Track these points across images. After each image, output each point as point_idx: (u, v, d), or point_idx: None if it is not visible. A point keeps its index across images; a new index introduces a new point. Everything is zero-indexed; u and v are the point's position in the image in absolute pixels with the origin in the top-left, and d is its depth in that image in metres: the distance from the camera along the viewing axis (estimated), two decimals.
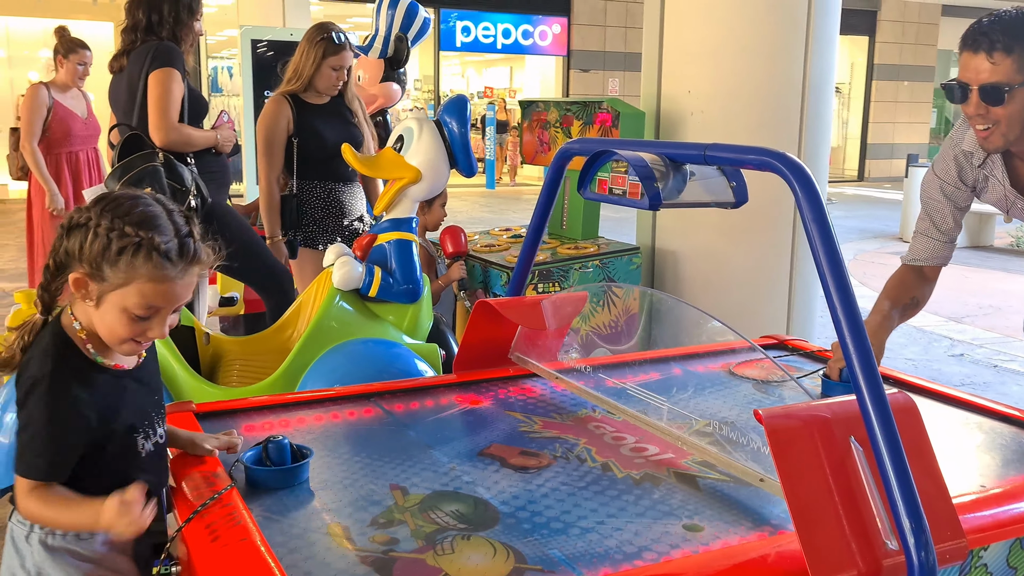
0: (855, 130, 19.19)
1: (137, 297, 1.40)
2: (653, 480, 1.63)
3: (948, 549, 1.31)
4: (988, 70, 1.95)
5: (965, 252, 9.56)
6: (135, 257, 1.38)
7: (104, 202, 1.43)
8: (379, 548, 1.36)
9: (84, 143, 4.97)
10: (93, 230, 1.39)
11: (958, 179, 2.28)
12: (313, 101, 3.49)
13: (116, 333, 1.43)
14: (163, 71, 3.16)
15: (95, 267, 1.39)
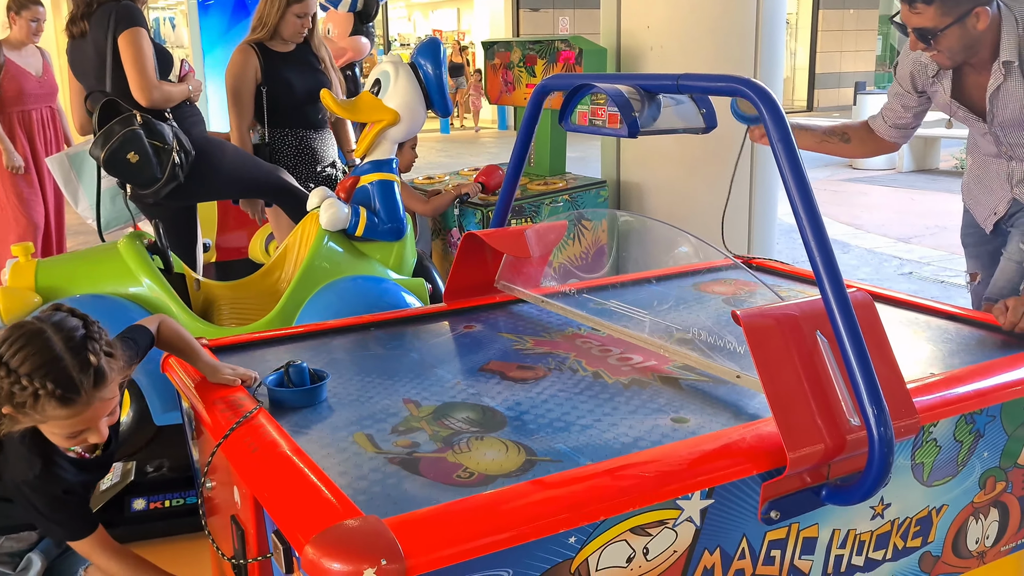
0: (803, 60, 19.41)
1: (58, 428, 1.59)
2: (640, 384, 1.80)
3: (904, 425, 1.50)
4: (916, 17, 2.18)
5: (911, 176, 9.88)
6: (39, 404, 1.51)
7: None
8: (403, 450, 1.51)
9: (38, 101, 4.89)
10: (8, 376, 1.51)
11: (911, 84, 2.50)
12: (279, 49, 3.54)
13: (61, 444, 1.64)
14: (132, 31, 3.11)
15: (14, 406, 1.52)
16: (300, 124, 3.58)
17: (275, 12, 3.48)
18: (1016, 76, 2.25)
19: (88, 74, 3.27)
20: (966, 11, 2.15)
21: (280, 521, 1.31)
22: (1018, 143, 2.40)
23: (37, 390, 1.50)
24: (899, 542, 1.71)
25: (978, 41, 2.22)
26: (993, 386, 1.74)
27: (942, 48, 2.20)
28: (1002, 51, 2.22)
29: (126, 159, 2.88)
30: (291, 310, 2.61)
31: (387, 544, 1.17)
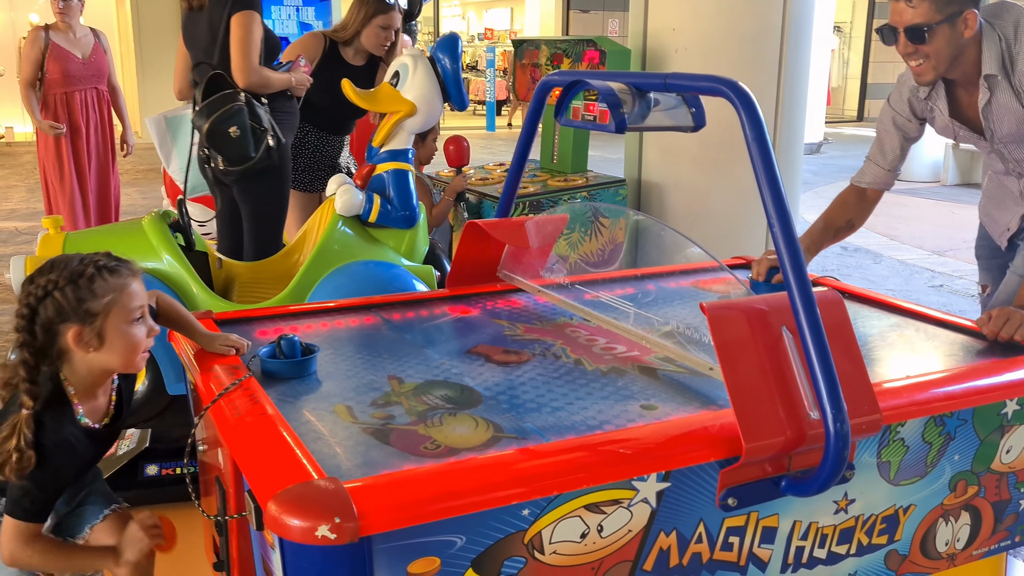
0: (856, 70, 19.15)
1: (128, 303, 1.66)
2: (619, 372, 1.86)
3: (863, 422, 1.53)
4: (910, 13, 2.18)
5: (955, 189, 9.72)
6: (103, 280, 1.62)
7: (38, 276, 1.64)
8: (378, 422, 1.59)
9: (82, 83, 5.02)
10: (58, 291, 1.60)
11: (911, 111, 2.49)
12: (349, 59, 3.63)
13: (134, 345, 1.68)
14: (246, 13, 3.20)
15: (82, 313, 1.61)
16: (326, 128, 3.68)
17: (359, 20, 3.58)
18: (1004, 90, 2.26)
19: (198, 46, 3.36)
20: (957, 11, 2.17)
21: (251, 480, 1.40)
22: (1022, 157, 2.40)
23: (95, 268, 1.63)
24: (864, 538, 1.74)
25: (963, 51, 2.23)
26: (964, 390, 1.76)
27: (931, 50, 2.21)
28: (984, 65, 2.24)
29: (227, 132, 3.01)
30: (303, 290, 2.71)
31: (342, 504, 1.25)
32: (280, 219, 3.35)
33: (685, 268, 2.65)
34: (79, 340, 1.62)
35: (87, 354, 1.65)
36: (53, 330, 1.62)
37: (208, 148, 3.06)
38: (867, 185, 2.57)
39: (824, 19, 12.51)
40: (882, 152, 2.54)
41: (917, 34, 2.19)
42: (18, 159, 11.24)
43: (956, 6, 2.18)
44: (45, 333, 1.62)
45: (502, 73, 15.85)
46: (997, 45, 2.23)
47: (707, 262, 2.72)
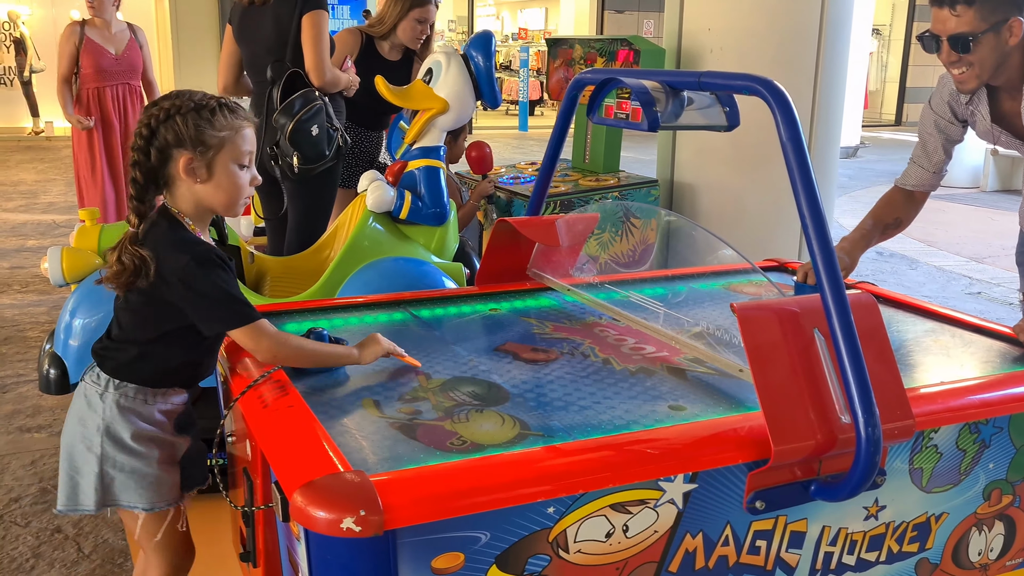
0: (894, 73, 18.90)
1: (240, 144, 1.70)
2: (647, 372, 1.84)
3: (896, 427, 1.51)
4: (954, 21, 2.14)
5: (995, 196, 9.56)
6: (223, 115, 1.67)
7: (163, 100, 1.68)
8: (405, 417, 1.59)
9: (114, 78, 5.05)
10: (179, 116, 1.64)
11: (952, 114, 2.45)
12: (385, 53, 3.64)
13: (238, 186, 1.72)
14: (319, 13, 3.22)
15: (198, 143, 1.65)
16: (366, 124, 3.69)
17: (396, 13, 3.60)
18: None
19: (258, 42, 3.35)
20: (1003, 19, 2.12)
21: (278, 472, 1.41)
22: None
23: (216, 103, 1.67)
24: (894, 546, 1.71)
25: (1007, 58, 2.18)
26: (1000, 397, 1.73)
27: (975, 59, 2.17)
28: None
29: (309, 131, 3.06)
30: (333, 285, 2.72)
31: (368, 497, 1.25)
32: (328, 215, 3.40)
33: (717, 269, 2.63)
34: (189, 168, 1.66)
35: (194, 184, 1.68)
36: (167, 153, 1.66)
37: (279, 146, 3.09)
38: (912, 187, 2.53)
39: (863, 21, 12.36)
40: (926, 154, 2.50)
41: (962, 43, 2.15)
42: (57, 153, 11.43)
43: (1002, 14, 2.13)
44: (159, 155, 1.66)
45: (535, 73, 15.84)
46: None
47: (739, 263, 2.70)
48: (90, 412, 1.72)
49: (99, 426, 1.70)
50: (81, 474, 1.72)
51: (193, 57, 10.09)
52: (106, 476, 1.70)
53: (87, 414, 1.72)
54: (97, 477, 1.70)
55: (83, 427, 1.72)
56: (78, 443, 1.72)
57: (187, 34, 10.31)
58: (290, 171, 3.13)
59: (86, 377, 1.75)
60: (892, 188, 2.58)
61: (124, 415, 1.71)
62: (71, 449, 1.73)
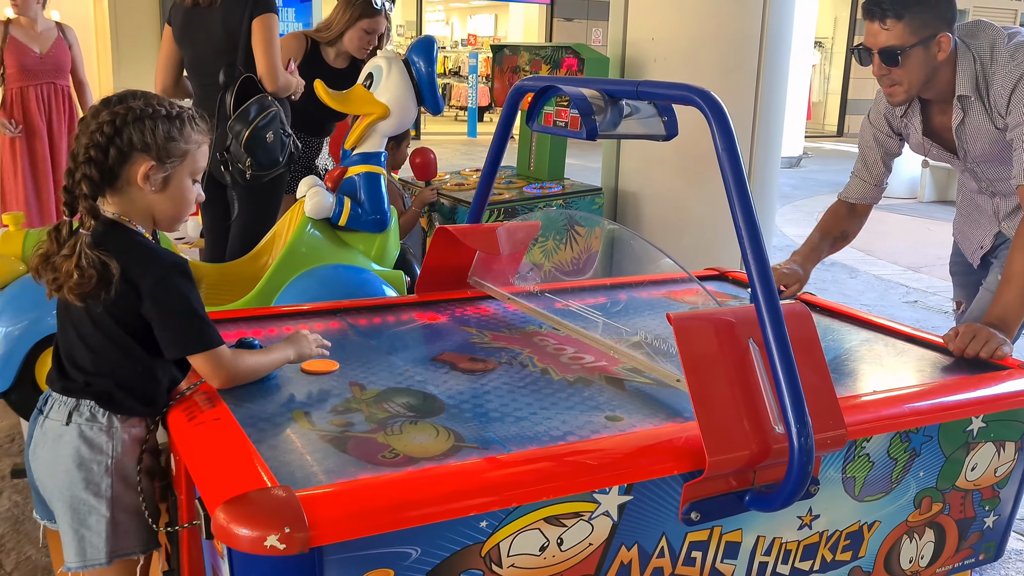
0: (836, 85, 19.30)
1: (199, 159, 1.66)
2: (585, 382, 1.83)
3: (828, 437, 1.51)
4: (884, 35, 2.18)
5: (931, 206, 9.80)
6: (191, 128, 1.62)
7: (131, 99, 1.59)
8: (337, 429, 1.55)
9: (37, 78, 4.93)
10: (150, 120, 1.57)
11: (889, 127, 2.49)
12: (330, 60, 3.58)
13: (188, 201, 1.67)
14: (269, 17, 3.16)
15: (164, 152, 1.58)
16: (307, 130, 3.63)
17: (344, 21, 3.53)
18: (977, 110, 2.26)
19: (204, 44, 3.27)
20: (931, 34, 2.17)
21: (201, 487, 1.36)
22: (997, 178, 2.40)
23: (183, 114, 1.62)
24: (828, 554, 1.72)
25: (936, 72, 2.23)
26: (930, 406, 1.75)
27: (903, 72, 2.21)
28: (958, 86, 2.24)
29: (265, 138, 3.00)
30: (270, 293, 2.66)
31: (293, 513, 1.21)
32: (274, 222, 3.33)
33: (657, 279, 2.63)
34: (147, 175, 1.58)
35: (147, 192, 1.60)
36: (128, 156, 1.57)
37: (230, 152, 3.02)
38: (855, 200, 2.56)
39: (805, 34, 12.60)
40: (866, 167, 2.54)
41: (891, 57, 2.19)
42: None
43: (930, 29, 2.17)
44: (119, 155, 1.57)
45: (484, 79, 15.85)
46: (972, 66, 2.23)
47: (679, 273, 2.71)
48: (93, 454, 1.57)
49: (107, 467, 1.58)
50: (87, 525, 1.58)
51: (133, 57, 9.87)
52: (117, 522, 1.58)
53: (89, 457, 1.57)
54: (108, 525, 1.58)
55: (85, 472, 1.57)
56: (81, 492, 1.57)
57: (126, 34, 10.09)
58: (241, 177, 3.07)
59: (75, 418, 1.58)
60: (836, 202, 2.61)
61: (134, 449, 1.60)
62: (72, 502, 1.58)
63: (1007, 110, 2.20)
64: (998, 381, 1.88)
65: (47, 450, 1.60)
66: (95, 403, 1.59)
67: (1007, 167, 2.28)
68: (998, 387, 1.86)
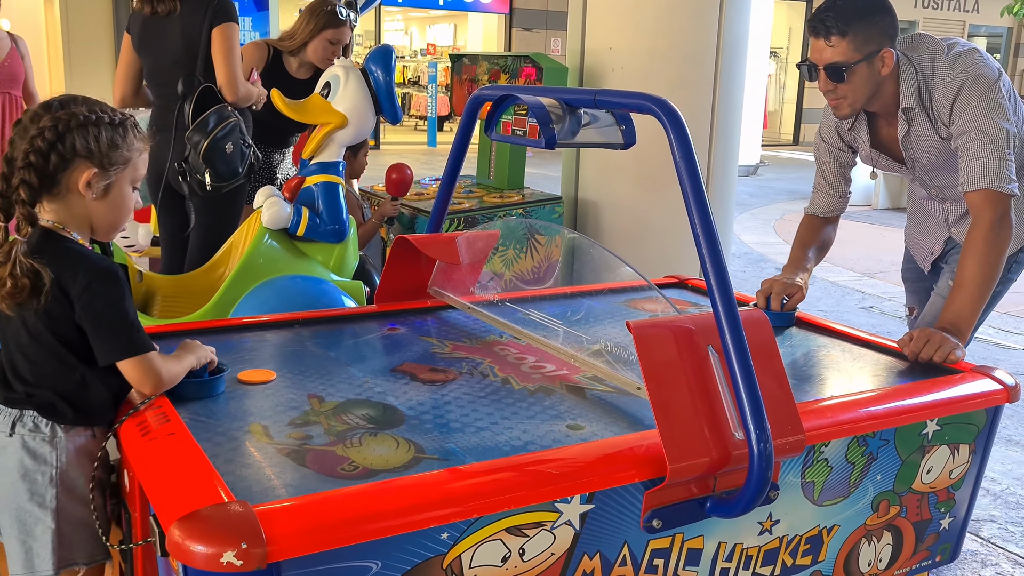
0: (792, 94, 19.61)
1: (140, 166, 1.64)
2: (546, 391, 1.83)
3: (787, 442, 1.52)
4: (829, 52, 2.21)
5: (885, 213, 9.98)
6: (133, 135, 1.61)
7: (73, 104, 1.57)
8: (295, 442, 1.53)
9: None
10: (94, 127, 1.55)
11: (840, 140, 2.53)
12: (293, 71, 3.54)
13: (128, 208, 1.65)
14: (229, 26, 3.12)
15: (107, 160, 1.56)
16: (268, 142, 3.59)
17: (308, 31, 3.50)
18: (922, 122, 2.30)
19: (163, 53, 3.22)
20: (875, 50, 2.21)
21: (155, 503, 1.33)
22: (946, 184, 2.45)
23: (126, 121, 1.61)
24: (788, 559, 1.73)
25: (881, 86, 2.28)
26: (886, 410, 1.78)
27: (849, 88, 2.24)
28: (902, 99, 2.29)
29: (223, 149, 2.96)
30: (226, 305, 2.62)
31: (250, 528, 1.19)
32: (232, 233, 3.28)
33: (618, 287, 2.64)
34: (88, 183, 1.57)
35: (88, 200, 1.59)
36: (69, 162, 1.55)
37: (188, 162, 2.98)
38: (823, 213, 2.59)
39: (761, 44, 12.79)
40: (826, 181, 2.57)
41: (836, 73, 2.22)
42: None
43: (874, 45, 2.21)
44: (60, 161, 1.54)
45: (444, 89, 15.84)
46: (914, 78, 2.28)
47: (639, 281, 2.72)
48: (36, 465, 1.56)
49: (52, 477, 1.56)
50: (34, 536, 1.56)
51: (85, 66, 9.72)
52: (63, 532, 1.56)
53: (33, 468, 1.55)
54: (54, 535, 1.55)
55: (29, 483, 1.55)
56: (26, 503, 1.55)
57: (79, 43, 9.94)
58: (200, 188, 3.03)
59: (18, 429, 1.56)
60: (805, 217, 2.63)
61: (80, 459, 1.57)
62: (18, 513, 1.56)
63: (950, 119, 2.25)
64: (952, 385, 1.91)
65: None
66: (37, 413, 1.56)
67: (955, 174, 2.32)
68: (952, 390, 1.89)
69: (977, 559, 2.75)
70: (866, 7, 2.21)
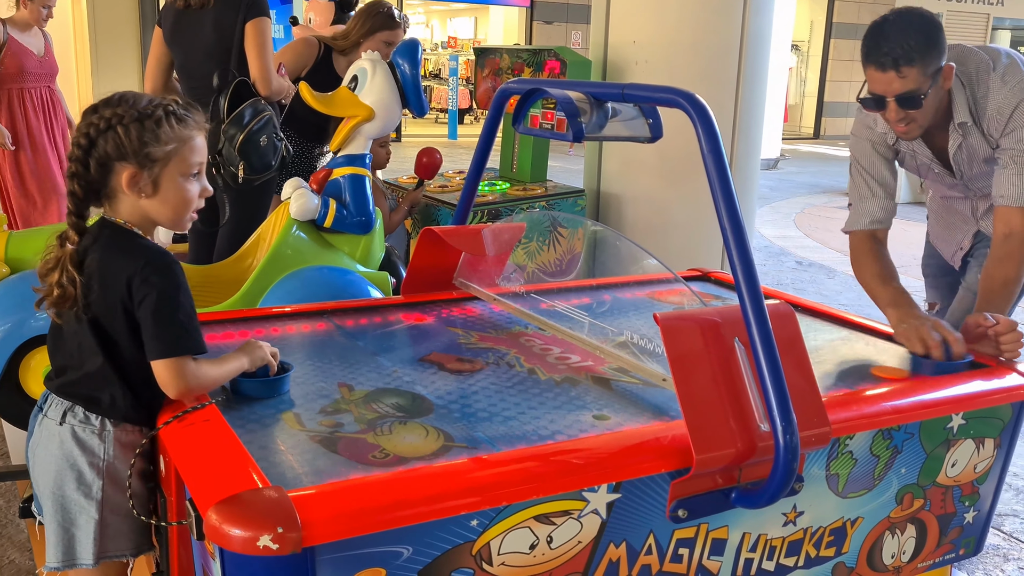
0: (813, 87, 19.46)
1: (189, 155, 1.59)
2: (572, 382, 1.85)
3: (814, 434, 1.54)
4: (899, 83, 2.11)
5: (907, 208, 9.89)
6: (169, 126, 1.56)
7: (104, 106, 1.56)
8: (326, 430, 1.56)
9: (38, 80, 4.94)
10: (121, 126, 1.53)
11: (886, 146, 2.42)
12: (340, 70, 3.54)
13: (187, 200, 1.61)
14: (263, 20, 3.15)
15: (141, 156, 1.54)
16: (309, 137, 3.61)
17: (363, 32, 3.52)
18: (974, 134, 2.27)
19: (195, 46, 3.25)
20: (938, 68, 2.14)
21: (192, 488, 1.36)
22: (986, 185, 2.41)
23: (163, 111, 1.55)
24: (812, 550, 1.75)
25: (942, 101, 2.23)
26: (911, 404, 1.78)
27: (920, 112, 2.16)
28: (956, 113, 2.25)
29: (258, 142, 2.99)
30: (255, 295, 2.66)
31: (286, 513, 1.22)
32: (241, 230, 3.32)
33: (641, 279, 2.65)
34: (133, 183, 1.55)
35: (138, 200, 1.57)
36: (108, 167, 1.54)
37: (222, 155, 3.02)
38: (880, 223, 2.37)
39: (782, 38, 12.71)
40: (874, 179, 2.37)
41: (912, 101, 2.13)
42: None
43: (936, 63, 2.13)
44: (99, 168, 1.54)
45: (465, 82, 15.86)
46: (964, 92, 2.24)
47: (663, 273, 2.73)
48: (85, 455, 1.56)
49: (100, 468, 1.57)
50: (78, 525, 1.57)
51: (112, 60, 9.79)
52: (104, 524, 1.57)
53: (81, 458, 1.56)
54: (97, 526, 1.56)
55: (76, 473, 1.56)
56: (72, 492, 1.56)
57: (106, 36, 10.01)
58: (233, 180, 3.07)
59: (69, 420, 1.58)
60: (862, 243, 2.39)
61: (127, 454, 1.58)
62: (63, 500, 1.57)
63: (1002, 132, 2.22)
64: (978, 379, 1.91)
65: (43, 448, 1.60)
66: (85, 407, 1.58)
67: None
68: (978, 385, 1.89)
69: (999, 553, 2.75)
70: (924, 29, 2.11)
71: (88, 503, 1.57)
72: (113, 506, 1.58)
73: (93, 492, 1.56)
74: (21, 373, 2.52)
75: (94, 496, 1.56)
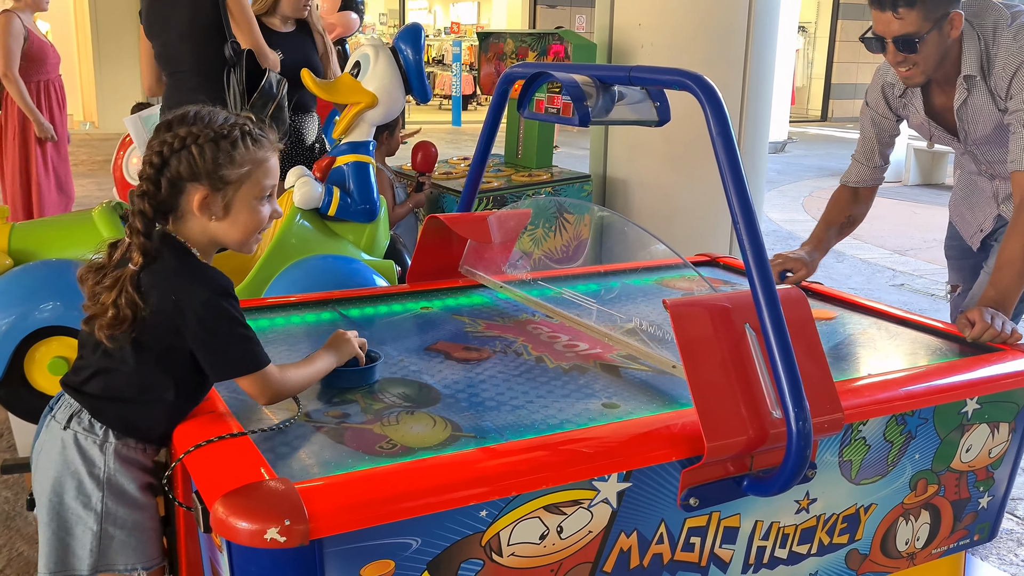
0: (820, 70, 19.32)
1: (262, 178, 1.53)
2: (580, 370, 1.82)
3: (826, 421, 1.51)
4: (897, 24, 2.13)
5: (916, 189, 9.84)
6: (244, 147, 1.49)
7: (178, 124, 1.49)
8: (332, 421, 1.54)
9: (54, 70, 4.97)
10: (196, 146, 1.46)
11: (886, 107, 2.47)
12: (276, 28, 3.54)
13: (256, 224, 1.54)
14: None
15: (215, 177, 1.47)
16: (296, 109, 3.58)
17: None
18: (981, 90, 2.24)
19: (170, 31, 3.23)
20: (944, 14, 2.14)
21: (198, 481, 1.35)
22: (996, 160, 2.39)
23: (238, 131, 1.49)
24: (825, 538, 1.73)
25: (949, 51, 2.21)
26: (925, 389, 1.76)
27: (921, 57, 2.18)
28: (964, 65, 2.22)
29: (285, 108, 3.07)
30: (259, 285, 2.64)
31: (293, 505, 1.20)
32: None
33: (649, 265, 2.63)
34: (204, 206, 1.48)
35: (208, 222, 1.50)
36: (179, 187, 1.47)
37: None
38: (855, 184, 2.55)
39: (789, 19, 12.60)
40: (864, 151, 2.53)
41: (908, 44, 2.15)
42: None
43: (942, 9, 2.13)
44: (171, 188, 1.47)
45: (468, 67, 15.78)
46: (976, 45, 2.21)
47: (671, 259, 2.70)
48: (86, 464, 1.51)
49: (100, 480, 1.51)
50: (73, 535, 1.51)
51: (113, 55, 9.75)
52: (105, 536, 1.51)
53: (82, 467, 1.51)
54: (95, 537, 1.50)
55: (76, 481, 1.51)
56: (71, 500, 1.51)
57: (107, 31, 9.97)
58: None
59: (74, 425, 1.52)
60: (838, 188, 2.60)
61: (128, 467, 1.53)
62: (59, 508, 1.52)
63: (1007, 94, 2.20)
64: (992, 363, 1.88)
65: (46, 453, 1.55)
66: (91, 413, 1.53)
67: (1006, 150, 2.27)
68: (992, 369, 1.86)
69: (1013, 538, 2.72)
70: None
71: (87, 513, 1.51)
72: (116, 519, 1.52)
73: (93, 503, 1.51)
74: (26, 365, 2.51)
75: (93, 507, 1.51)
